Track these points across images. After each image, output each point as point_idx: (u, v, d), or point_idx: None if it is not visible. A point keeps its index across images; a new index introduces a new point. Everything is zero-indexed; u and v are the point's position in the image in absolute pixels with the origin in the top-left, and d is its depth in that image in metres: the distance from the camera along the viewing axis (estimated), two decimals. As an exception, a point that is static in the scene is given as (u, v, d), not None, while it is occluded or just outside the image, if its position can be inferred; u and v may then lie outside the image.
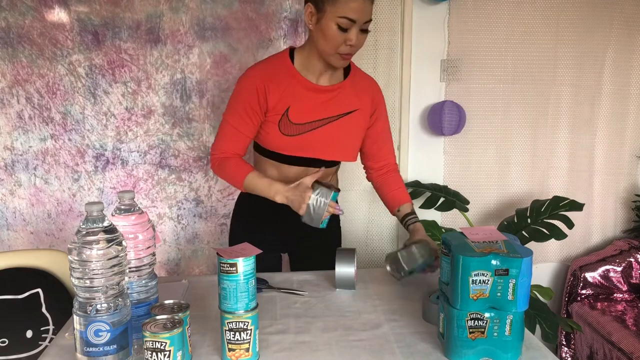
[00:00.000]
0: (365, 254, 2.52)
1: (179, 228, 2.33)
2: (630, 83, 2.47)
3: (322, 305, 1.28)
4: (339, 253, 1.37)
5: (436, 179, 2.48)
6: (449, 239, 1.06)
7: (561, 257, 2.61)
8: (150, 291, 1.06)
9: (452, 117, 2.33)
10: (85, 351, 0.92)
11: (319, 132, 1.49)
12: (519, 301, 0.97)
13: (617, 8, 2.39)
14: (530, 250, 0.99)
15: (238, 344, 0.99)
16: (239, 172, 1.48)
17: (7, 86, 2.14)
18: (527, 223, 2.17)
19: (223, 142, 1.51)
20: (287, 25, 2.22)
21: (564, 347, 2.44)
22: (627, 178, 2.56)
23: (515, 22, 2.37)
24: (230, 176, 1.52)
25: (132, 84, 2.19)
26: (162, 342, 0.91)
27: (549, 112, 2.47)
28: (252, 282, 1.00)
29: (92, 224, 0.91)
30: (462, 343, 1.00)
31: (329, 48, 1.39)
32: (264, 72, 1.47)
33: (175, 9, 2.16)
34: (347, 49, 1.39)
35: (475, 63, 2.40)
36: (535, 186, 2.52)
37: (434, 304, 1.17)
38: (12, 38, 2.10)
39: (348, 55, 1.41)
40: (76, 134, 2.20)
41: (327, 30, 1.37)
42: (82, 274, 0.90)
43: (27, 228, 2.25)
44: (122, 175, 2.26)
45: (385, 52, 2.36)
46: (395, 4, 2.32)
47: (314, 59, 1.46)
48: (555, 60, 2.42)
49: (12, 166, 2.20)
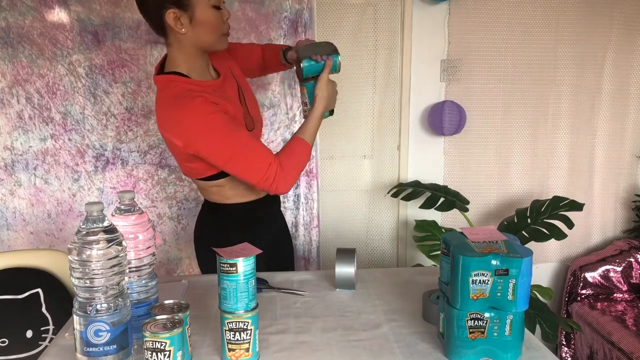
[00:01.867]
0: (365, 254, 2.52)
1: (179, 228, 2.33)
2: (630, 83, 2.47)
3: (322, 305, 1.28)
4: (339, 253, 1.37)
5: (436, 179, 2.48)
6: (449, 239, 1.06)
7: (561, 257, 2.61)
8: (150, 291, 1.06)
9: (452, 117, 2.33)
10: (85, 351, 0.92)
11: (253, 108, 1.55)
12: (519, 301, 0.97)
13: (617, 8, 2.39)
14: (530, 250, 0.99)
15: (238, 344, 0.99)
16: (295, 144, 1.44)
17: (7, 86, 2.14)
18: (527, 223, 2.17)
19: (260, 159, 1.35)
20: (287, 25, 2.22)
21: (564, 347, 2.44)
22: (627, 178, 2.56)
23: (515, 22, 2.37)
24: (299, 155, 1.43)
25: (132, 84, 2.19)
26: (162, 342, 0.91)
27: (549, 112, 2.47)
28: (252, 282, 1.00)
29: (92, 224, 0.91)
30: (462, 343, 1.00)
31: (214, 35, 1.38)
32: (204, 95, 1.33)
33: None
34: (226, 26, 1.41)
35: (475, 63, 2.40)
36: (535, 186, 2.52)
37: (434, 304, 1.17)
38: (12, 38, 2.10)
39: (229, 32, 1.43)
40: (76, 134, 2.20)
41: (205, 19, 1.34)
42: (82, 274, 0.90)
43: (27, 228, 2.25)
44: (122, 175, 2.26)
45: (385, 52, 2.36)
46: (395, 4, 2.32)
47: (196, 62, 1.41)
48: (555, 60, 2.42)
49: (12, 166, 2.20)
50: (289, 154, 1.42)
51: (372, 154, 2.46)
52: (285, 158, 1.40)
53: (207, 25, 1.35)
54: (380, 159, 2.46)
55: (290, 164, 1.40)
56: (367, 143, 2.44)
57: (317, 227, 2.41)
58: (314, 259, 2.43)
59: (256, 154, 1.36)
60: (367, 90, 2.39)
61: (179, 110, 1.31)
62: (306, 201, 2.38)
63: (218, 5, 1.36)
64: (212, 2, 1.35)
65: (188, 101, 1.30)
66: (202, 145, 1.32)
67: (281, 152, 1.42)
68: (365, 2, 2.31)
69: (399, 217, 2.50)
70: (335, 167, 2.45)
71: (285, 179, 1.38)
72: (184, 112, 1.30)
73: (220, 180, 1.46)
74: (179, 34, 1.34)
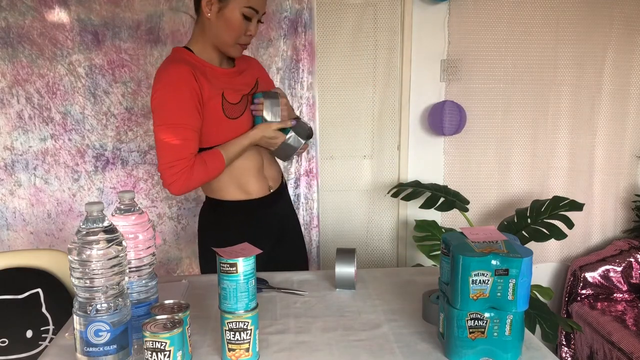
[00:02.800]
0: (365, 254, 2.52)
1: (179, 228, 2.33)
2: (630, 83, 2.47)
3: (322, 305, 1.28)
4: (339, 253, 1.37)
5: (436, 179, 2.48)
6: (449, 239, 1.06)
7: (561, 257, 2.61)
8: (150, 291, 1.06)
9: (452, 117, 2.33)
10: (85, 351, 0.92)
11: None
12: (519, 301, 0.97)
13: (617, 8, 2.39)
14: (530, 250, 0.99)
15: (238, 344, 0.99)
16: (212, 156, 1.42)
17: (7, 86, 2.14)
18: (527, 223, 2.17)
19: (184, 147, 1.36)
20: (287, 25, 2.22)
21: (564, 347, 2.44)
22: (627, 178, 2.57)
23: (515, 22, 2.37)
24: (209, 167, 1.41)
25: (132, 84, 2.19)
26: (162, 342, 0.91)
27: (549, 112, 2.47)
28: (252, 282, 1.00)
29: (92, 224, 0.91)
30: (462, 343, 1.00)
31: (230, 38, 1.43)
32: (185, 67, 1.38)
33: (175, 9, 2.16)
34: (247, 39, 1.45)
35: (475, 63, 2.40)
36: (535, 186, 2.52)
37: (434, 304, 1.17)
38: (12, 38, 2.10)
39: (246, 45, 1.48)
40: (76, 134, 2.20)
41: (231, 20, 1.40)
42: (82, 274, 0.90)
43: (27, 228, 2.25)
44: (122, 175, 2.26)
45: (385, 52, 2.36)
46: (395, 4, 2.32)
47: (209, 50, 1.48)
48: (555, 60, 2.42)
49: (12, 166, 2.20)
50: (204, 164, 1.40)
51: (372, 154, 2.46)
52: (199, 165, 1.39)
53: (228, 25, 1.41)
54: (380, 159, 2.46)
55: (199, 174, 1.39)
56: (367, 143, 2.45)
57: (317, 227, 2.41)
58: (314, 259, 2.44)
59: (179, 141, 1.36)
60: (367, 90, 2.39)
61: (161, 69, 1.42)
62: (306, 201, 2.38)
63: (250, 17, 1.41)
64: (245, 11, 1.39)
65: (172, 64, 1.40)
66: (153, 99, 1.39)
67: (198, 158, 1.40)
68: (365, 2, 2.31)
69: (399, 217, 2.50)
70: (335, 167, 2.45)
71: (185, 182, 1.37)
72: (163, 70, 1.40)
73: None
74: (205, 16, 1.41)
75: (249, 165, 1.53)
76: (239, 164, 1.50)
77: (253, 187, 1.54)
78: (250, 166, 1.53)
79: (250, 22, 1.42)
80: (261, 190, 1.56)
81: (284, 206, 1.69)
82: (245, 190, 1.54)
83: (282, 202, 1.68)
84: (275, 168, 1.64)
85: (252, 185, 1.54)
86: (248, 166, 1.52)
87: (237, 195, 1.53)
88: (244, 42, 1.46)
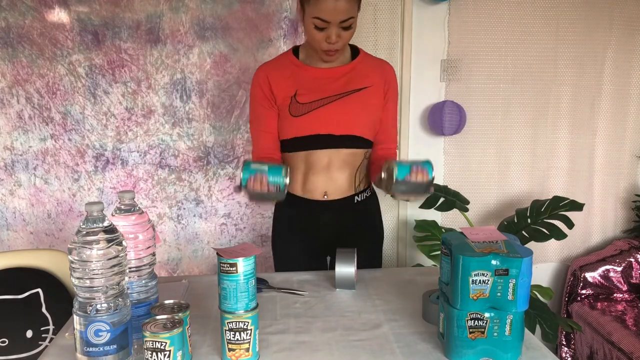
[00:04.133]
0: (365, 254, 2.52)
1: (179, 228, 2.33)
2: (630, 83, 2.47)
3: (322, 305, 1.28)
4: (339, 253, 1.37)
5: (436, 179, 2.47)
6: (449, 239, 1.06)
7: (561, 257, 2.61)
8: (150, 291, 1.06)
9: (452, 117, 2.33)
10: (85, 351, 0.92)
11: (327, 108, 1.50)
12: (519, 301, 0.97)
13: (617, 8, 2.38)
14: (530, 250, 0.99)
15: (238, 344, 0.99)
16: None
17: (7, 86, 2.14)
18: (527, 223, 2.17)
19: (255, 147, 1.59)
20: (287, 25, 2.22)
21: (564, 347, 2.44)
22: (627, 178, 2.56)
23: (515, 22, 2.37)
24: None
25: (132, 84, 2.19)
26: (162, 342, 0.91)
27: (549, 112, 2.47)
28: (252, 282, 1.00)
29: (92, 224, 0.91)
30: (462, 343, 1.00)
31: (313, 44, 1.46)
32: (266, 67, 1.56)
33: (175, 9, 2.16)
34: (328, 46, 1.42)
35: (475, 63, 2.39)
36: (535, 186, 2.52)
37: (434, 304, 1.17)
38: (12, 38, 2.10)
39: (330, 52, 1.44)
40: (76, 134, 2.20)
41: (307, 29, 1.43)
42: (82, 274, 0.90)
43: (27, 228, 2.25)
44: (122, 175, 2.26)
45: (385, 52, 2.35)
46: (395, 4, 2.32)
47: (311, 50, 1.51)
48: (555, 60, 2.42)
49: (12, 166, 2.20)
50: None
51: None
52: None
53: (307, 34, 1.45)
54: (380, 159, 2.46)
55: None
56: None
57: (317, 227, 2.40)
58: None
59: (253, 139, 1.59)
60: (367, 90, 2.38)
61: None
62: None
63: (322, 27, 1.39)
64: (315, 22, 1.38)
65: (258, 68, 1.58)
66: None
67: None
68: (365, 2, 2.30)
69: (399, 217, 2.50)
70: (335, 167, 2.45)
71: None
72: None
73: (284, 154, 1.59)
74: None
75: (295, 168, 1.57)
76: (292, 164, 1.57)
77: (297, 187, 1.58)
78: (295, 170, 1.57)
79: (326, 31, 1.39)
80: (308, 193, 1.57)
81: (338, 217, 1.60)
82: (292, 187, 1.58)
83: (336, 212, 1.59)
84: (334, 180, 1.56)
85: (297, 186, 1.58)
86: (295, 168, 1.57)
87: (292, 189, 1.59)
88: (325, 48, 1.43)
